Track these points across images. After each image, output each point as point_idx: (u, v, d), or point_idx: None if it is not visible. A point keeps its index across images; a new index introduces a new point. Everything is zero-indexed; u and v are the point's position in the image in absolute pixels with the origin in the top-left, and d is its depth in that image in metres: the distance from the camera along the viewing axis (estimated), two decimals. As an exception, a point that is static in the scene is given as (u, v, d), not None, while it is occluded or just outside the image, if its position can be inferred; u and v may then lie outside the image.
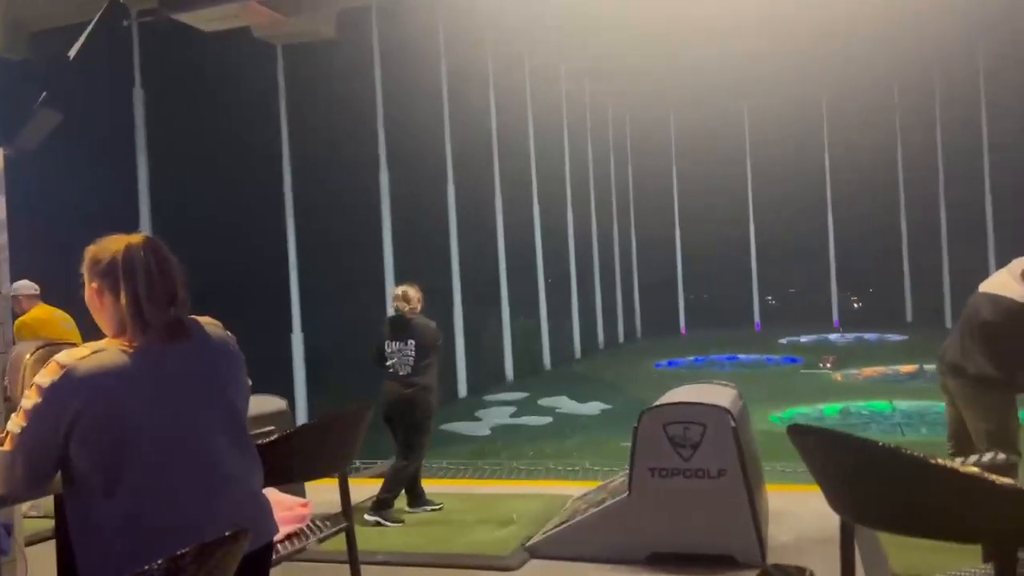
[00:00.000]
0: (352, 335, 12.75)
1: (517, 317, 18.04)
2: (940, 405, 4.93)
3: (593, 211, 22.54)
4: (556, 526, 4.89)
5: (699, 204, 25.64)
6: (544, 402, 13.15)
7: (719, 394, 5.02)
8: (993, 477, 1.64)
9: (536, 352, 18.51)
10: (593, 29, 17.34)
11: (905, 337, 20.06)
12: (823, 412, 11.38)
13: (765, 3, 15.91)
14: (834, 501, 2.05)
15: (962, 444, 4.67)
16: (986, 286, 4.59)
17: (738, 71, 20.41)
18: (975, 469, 1.66)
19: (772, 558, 4.63)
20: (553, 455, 8.73)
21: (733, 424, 4.51)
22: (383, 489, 5.81)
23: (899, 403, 11.18)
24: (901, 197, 24.49)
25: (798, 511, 5.62)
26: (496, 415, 12.18)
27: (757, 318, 26.37)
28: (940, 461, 1.72)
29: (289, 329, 12.40)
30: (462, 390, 14.74)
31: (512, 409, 12.63)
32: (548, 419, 11.57)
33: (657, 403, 4.76)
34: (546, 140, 19.59)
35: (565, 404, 12.86)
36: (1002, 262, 4.67)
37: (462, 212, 15.58)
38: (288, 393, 10.08)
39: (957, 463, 1.79)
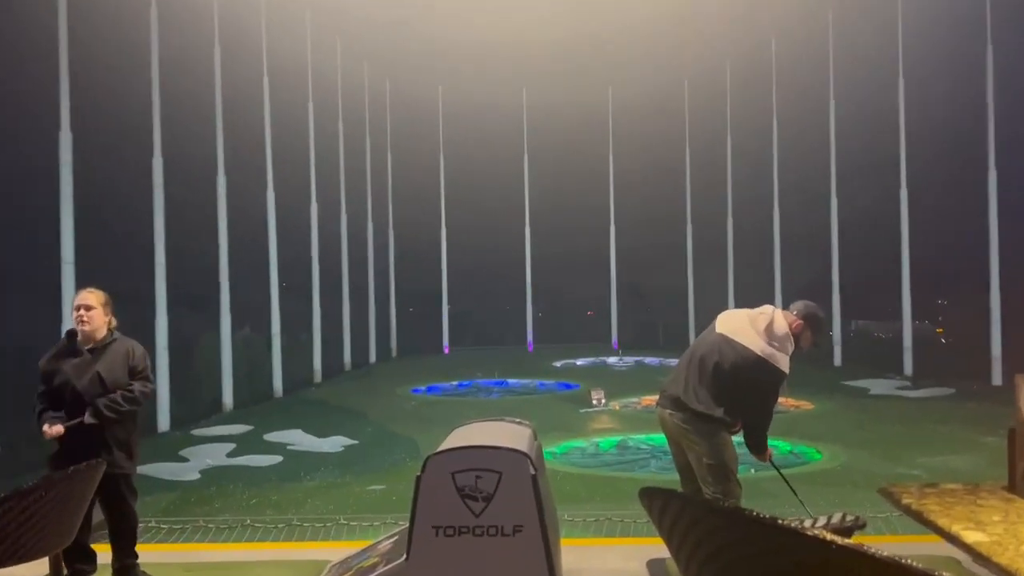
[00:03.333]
0: (11, 346, 11.66)
1: (241, 330, 17.45)
2: (727, 438, 5.55)
3: (343, 207, 22.43)
4: (314, 601, 4.72)
5: (467, 208, 26.55)
6: (273, 437, 12.81)
7: (515, 435, 5.08)
8: (872, 549, 1.83)
9: (265, 374, 18.13)
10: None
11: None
12: (599, 446, 11.90)
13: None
14: (691, 572, 2.17)
15: (689, 479, 5.62)
16: (726, 330, 5.56)
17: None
18: (849, 540, 1.84)
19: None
20: (282, 504, 8.67)
21: (532, 471, 4.58)
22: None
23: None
24: (688, 219, 26.93)
25: (593, 568, 5.93)
26: (209, 454, 11.69)
27: (530, 337, 27.34)
28: (816, 532, 1.87)
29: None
30: (163, 422, 14.02)
31: (230, 446, 12.15)
32: (277, 458, 11.22)
33: (444, 447, 4.76)
34: (286, 120, 19.34)
35: (300, 440, 12.62)
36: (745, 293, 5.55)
37: (172, 196, 14.67)
38: None
39: (819, 529, 1.99)
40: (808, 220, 21.85)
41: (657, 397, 5.81)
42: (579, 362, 23.40)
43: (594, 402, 15.32)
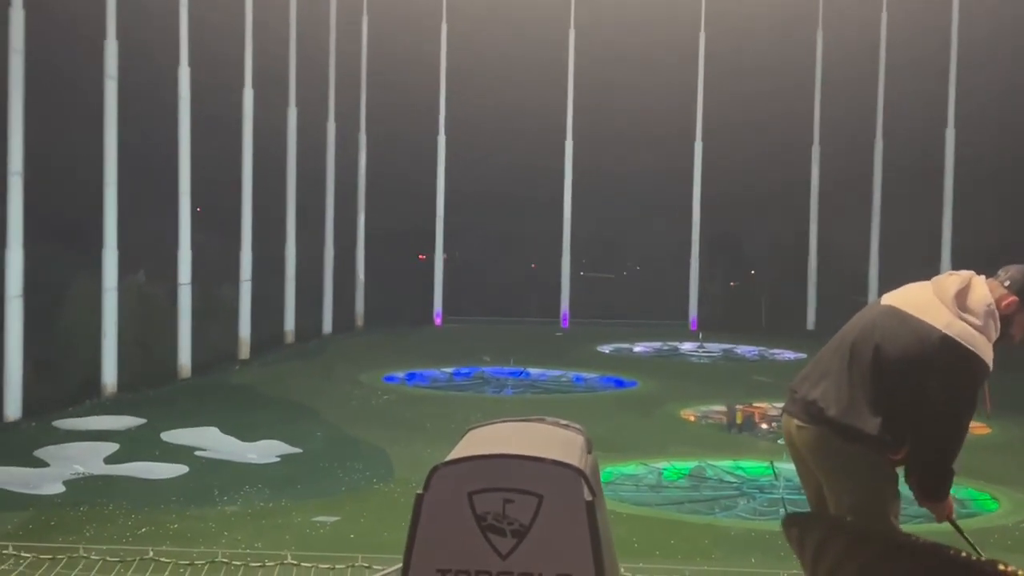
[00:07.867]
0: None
1: (132, 276, 17.63)
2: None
3: (292, 94, 22.74)
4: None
5: (478, 106, 27.03)
6: (175, 437, 12.99)
7: (561, 443, 5.19)
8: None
9: (165, 343, 18.09)
10: None
11: (804, 355, 21.18)
12: (663, 476, 12.14)
13: None
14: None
15: None
16: (897, 301, 5.51)
17: None
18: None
19: None
20: (186, 536, 8.89)
21: (588, 496, 4.70)
22: None
23: (784, 464, 11.67)
24: (815, 134, 27.35)
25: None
26: (78, 457, 11.89)
27: (565, 308, 27.53)
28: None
29: None
30: (11, 408, 14.27)
31: (111, 448, 12.36)
32: (180, 469, 11.53)
33: (457, 455, 4.86)
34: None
35: (215, 443, 12.83)
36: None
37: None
38: None
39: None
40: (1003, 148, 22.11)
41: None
42: (637, 348, 23.58)
43: (763, 426, 14.48)
